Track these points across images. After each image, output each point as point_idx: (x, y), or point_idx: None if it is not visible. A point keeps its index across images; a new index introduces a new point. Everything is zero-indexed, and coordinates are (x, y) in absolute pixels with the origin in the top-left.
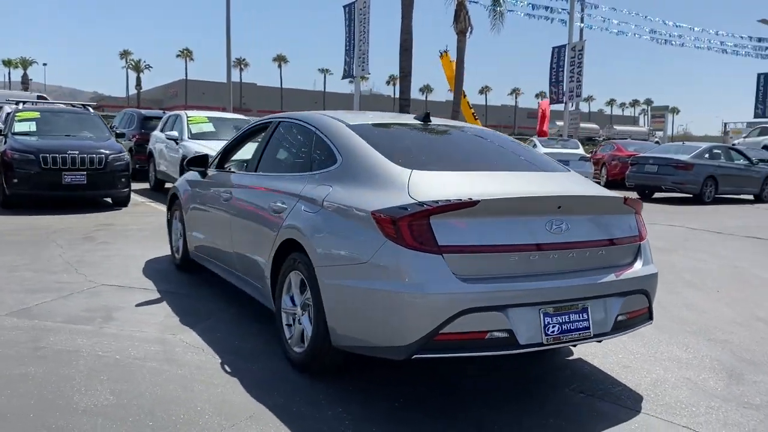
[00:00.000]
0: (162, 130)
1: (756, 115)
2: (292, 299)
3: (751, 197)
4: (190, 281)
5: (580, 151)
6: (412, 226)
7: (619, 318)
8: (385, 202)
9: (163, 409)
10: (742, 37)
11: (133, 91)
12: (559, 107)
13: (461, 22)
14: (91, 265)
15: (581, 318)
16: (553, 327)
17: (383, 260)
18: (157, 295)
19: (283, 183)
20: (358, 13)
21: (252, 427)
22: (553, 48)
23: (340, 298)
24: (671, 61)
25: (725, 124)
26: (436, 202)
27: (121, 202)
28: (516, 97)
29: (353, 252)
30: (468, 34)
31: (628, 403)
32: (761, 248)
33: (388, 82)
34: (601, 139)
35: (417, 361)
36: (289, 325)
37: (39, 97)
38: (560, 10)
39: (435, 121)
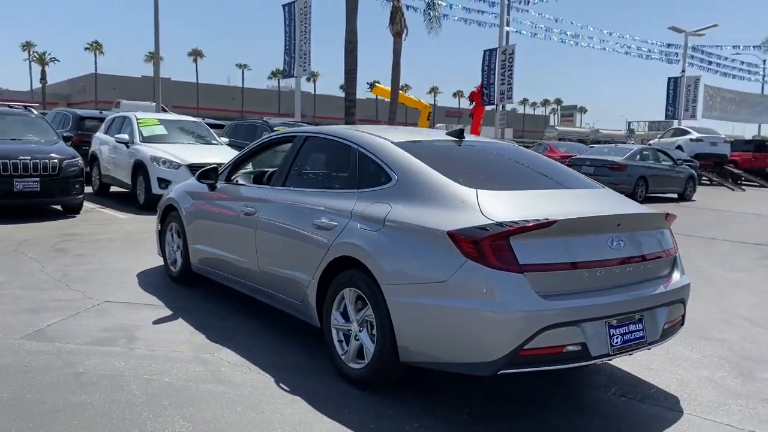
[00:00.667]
0: (107, 132)
1: (667, 117)
2: (343, 315)
3: (675, 196)
4: (196, 295)
5: None
6: (494, 246)
7: (665, 326)
8: (459, 222)
9: None
10: (653, 43)
11: (37, 84)
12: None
13: (397, 23)
14: (81, 280)
15: (638, 328)
16: (617, 338)
17: (465, 280)
18: (169, 312)
19: (324, 199)
20: (299, 12)
21: None
22: (485, 51)
23: (413, 315)
24: (581, 62)
25: (629, 123)
26: (515, 222)
27: (74, 209)
28: (435, 96)
29: (428, 271)
30: (404, 36)
31: (668, 404)
32: (707, 247)
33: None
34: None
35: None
36: (340, 341)
37: None
38: (492, 14)
39: (467, 137)
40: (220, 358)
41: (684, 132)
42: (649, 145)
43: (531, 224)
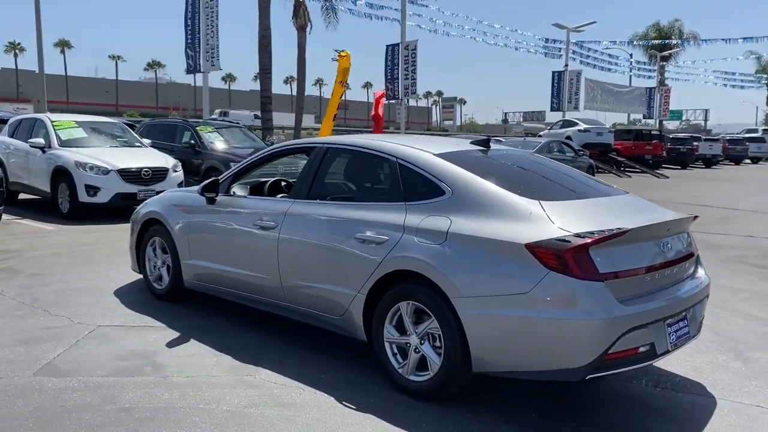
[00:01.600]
0: (13, 135)
1: (552, 109)
2: (398, 328)
3: None
4: (192, 313)
5: None
6: (576, 257)
7: (700, 320)
8: (535, 234)
9: None
10: (538, 38)
11: None
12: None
13: (300, 17)
14: (54, 303)
15: (685, 324)
16: (673, 335)
17: (548, 290)
18: (176, 333)
19: (365, 212)
20: (204, 6)
21: None
22: (387, 46)
23: (490, 327)
24: (460, 54)
25: (505, 113)
26: (593, 233)
27: None
28: (320, 88)
29: (506, 283)
30: (308, 30)
31: (698, 390)
32: None
33: (255, 78)
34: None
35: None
36: (395, 354)
37: None
38: (394, 8)
39: (493, 146)
40: (263, 380)
41: (572, 123)
42: (540, 135)
43: (608, 235)
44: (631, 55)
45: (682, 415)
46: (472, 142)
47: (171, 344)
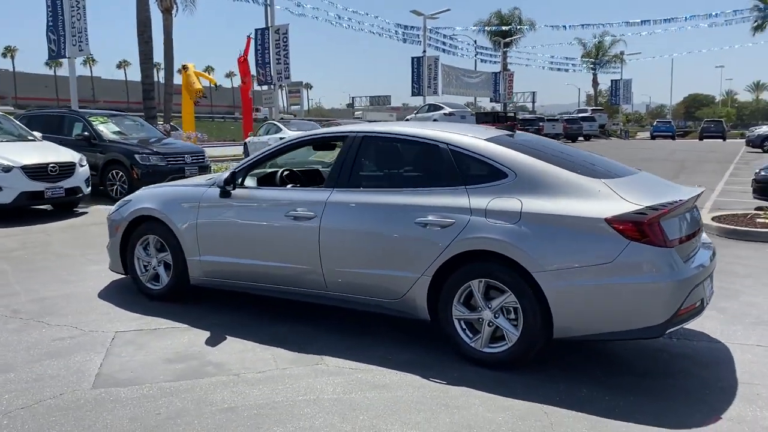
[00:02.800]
0: None
1: (413, 93)
2: (466, 306)
3: None
4: (205, 311)
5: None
6: (652, 227)
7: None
8: (611, 210)
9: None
10: (397, 24)
11: None
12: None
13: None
14: (46, 313)
15: (710, 283)
16: (708, 291)
17: (630, 259)
18: (206, 332)
19: (422, 198)
20: None
21: (574, 425)
22: (256, 30)
23: (575, 297)
24: (308, 38)
25: (352, 98)
26: (663, 205)
27: None
28: (158, 72)
29: (589, 255)
30: (174, 12)
31: (705, 338)
32: None
33: (119, 66)
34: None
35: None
36: (464, 330)
37: None
38: None
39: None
40: (337, 367)
41: (438, 107)
42: (407, 120)
43: (674, 206)
44: (475, 42)
45: (709, 360)
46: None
47: (210, 343)
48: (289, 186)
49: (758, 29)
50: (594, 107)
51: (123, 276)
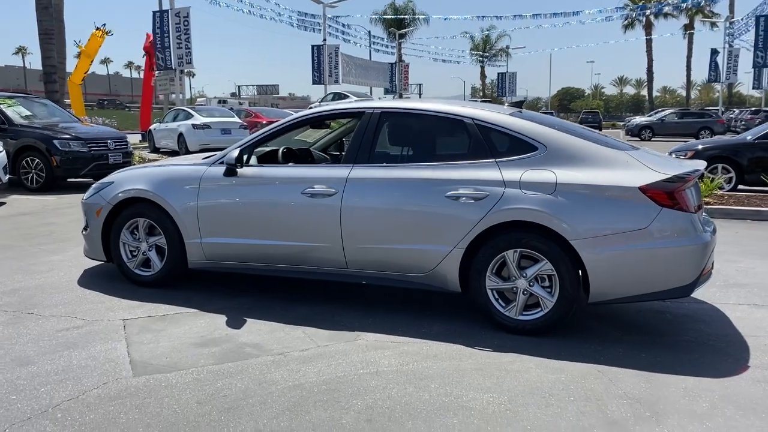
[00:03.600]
0: None
1: (314, 82)
2: (498, 275)
3: None
4: (209, 294)
5: (237, 120)
6: (681, 195)
7: None
8: (642, 179)
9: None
10: (294, 10)
11: None
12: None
13: None
14: (32, 305)
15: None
16: (712, 257)
17: (663, 224)
18: (221, 315)
19: (450, 171)
20: None
21: (630, 380)
22: (154, 12)
23: (612, 262)
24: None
25: (239, 87)
26: (688, 174)
27: None
28: (23, 57)
29: (624, 222)
30: None
31: (693, 300)
32: None
33: (15, 53)
34: None
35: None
36: (497, 299)
37: None
38: None
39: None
40: (378, 341)
41: (344, 96)
42: (311, 107)
43: (694, 175)
44: (369, 32)
45: (707, 318)
46: (510, 104)
47: (233, 326)
48: (294, 164)
49: (629, 27)
50: (483, 100)
51: (97, 263)
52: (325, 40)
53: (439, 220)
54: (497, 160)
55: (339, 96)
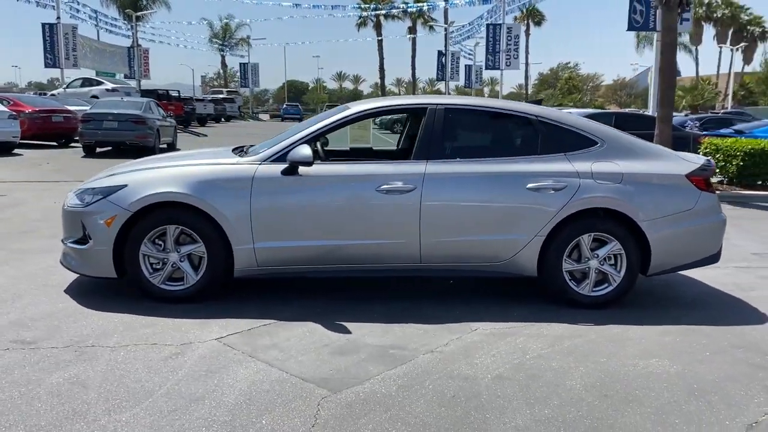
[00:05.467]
0: None
1: (47, 65)
2: (571, 258)
3: (166, 146)
4: (258, 303)
5: (6, 109)
6: (710, 179)
7: None
8: (684, 168)
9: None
10: None
11: None
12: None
13: None
14: (86, 336)
15: None
16: None
17: (703, 205)
18: (313, 324)
19: (528, 165)
20: None
21: (717, 335)
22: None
23: (669, 239)
24: None
25: None
26: (710, 162)
27: None
28: None
29: (677, 205)
30: None
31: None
32: None
33: None
34: None
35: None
36: (570, 280)
37: None
38: None
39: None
40: (495, 329)
41: (96, 82)
42: (56, 95)
43: (713, 165)
44: (95, 12)
45: (699, 282)
46: (529, 102)
47: (340, 330)
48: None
49: (362, 26)
50: (229, 90)
51: (73, 276)
52: (59, 17)
53: (520, 210)
54: (566, 153)
55: (90, 82)
